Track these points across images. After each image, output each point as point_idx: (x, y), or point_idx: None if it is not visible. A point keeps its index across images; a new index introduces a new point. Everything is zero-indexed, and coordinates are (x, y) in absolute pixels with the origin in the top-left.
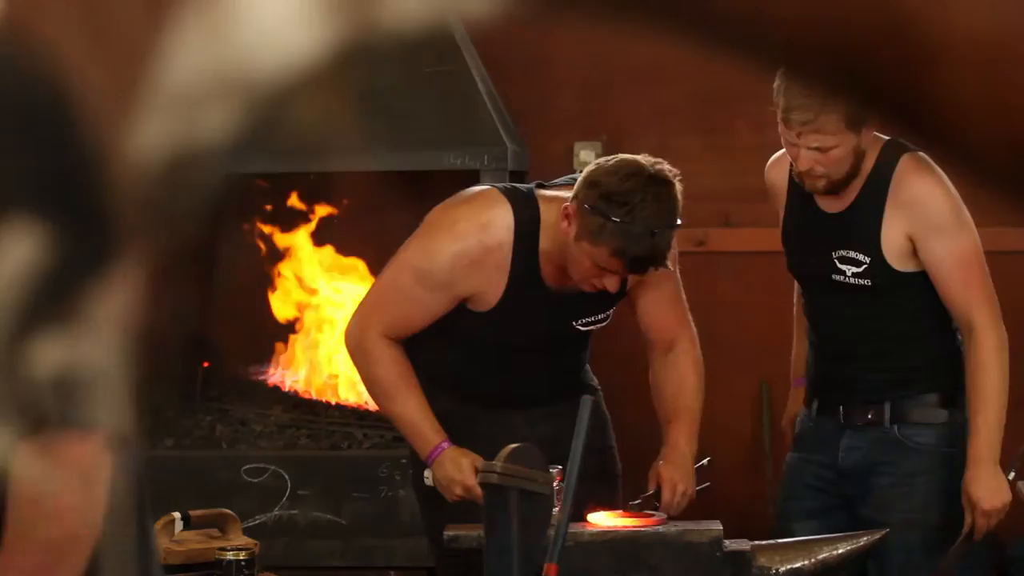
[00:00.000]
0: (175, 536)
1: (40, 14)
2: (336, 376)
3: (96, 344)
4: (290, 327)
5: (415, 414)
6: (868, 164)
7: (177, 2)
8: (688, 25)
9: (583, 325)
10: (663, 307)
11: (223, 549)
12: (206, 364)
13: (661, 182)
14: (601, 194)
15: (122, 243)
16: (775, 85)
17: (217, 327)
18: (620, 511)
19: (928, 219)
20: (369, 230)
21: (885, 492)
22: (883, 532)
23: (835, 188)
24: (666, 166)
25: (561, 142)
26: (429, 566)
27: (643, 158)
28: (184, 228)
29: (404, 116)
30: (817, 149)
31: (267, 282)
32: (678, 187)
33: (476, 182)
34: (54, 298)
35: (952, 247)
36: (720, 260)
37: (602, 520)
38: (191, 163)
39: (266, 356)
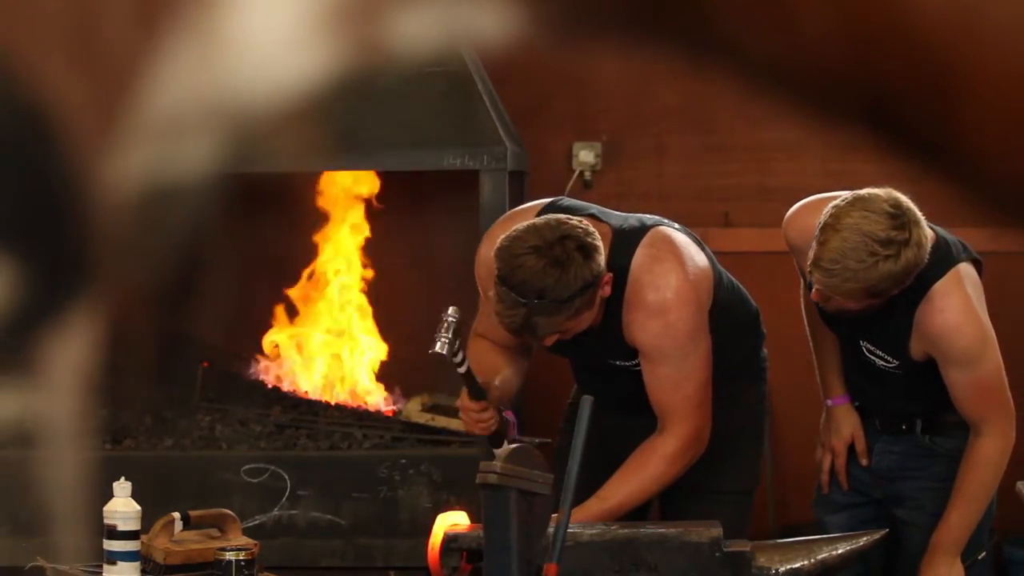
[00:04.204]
0: (175, 536)
1: (23, 31)
2: (328, 377)
3: (53, 394)
4: (288, 326)
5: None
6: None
7: (170, 22)
8: (717, 60)
9: (618, 362)
10: (654, 386)
11: (223, 549)
12: (206, 364)
13: (544, 251)
14: (496, 250)
15: (89, 282)
16: (819, 224)
17: (216, 327)
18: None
19: (949, 354)
20: (370, 230)
21: (916, 494)
22: (883, 532)
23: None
24: (576, 229)
25: (561, 142)
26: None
27: (567, 219)
28: (160, 263)
29: (404, 116)
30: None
31: (267, 281)
32: (578, 256)
33: (475, 183)
34: (14, 343)
35: (970, 377)
36: (720, 260)
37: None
38: (171, 196)
39: (263, 355)
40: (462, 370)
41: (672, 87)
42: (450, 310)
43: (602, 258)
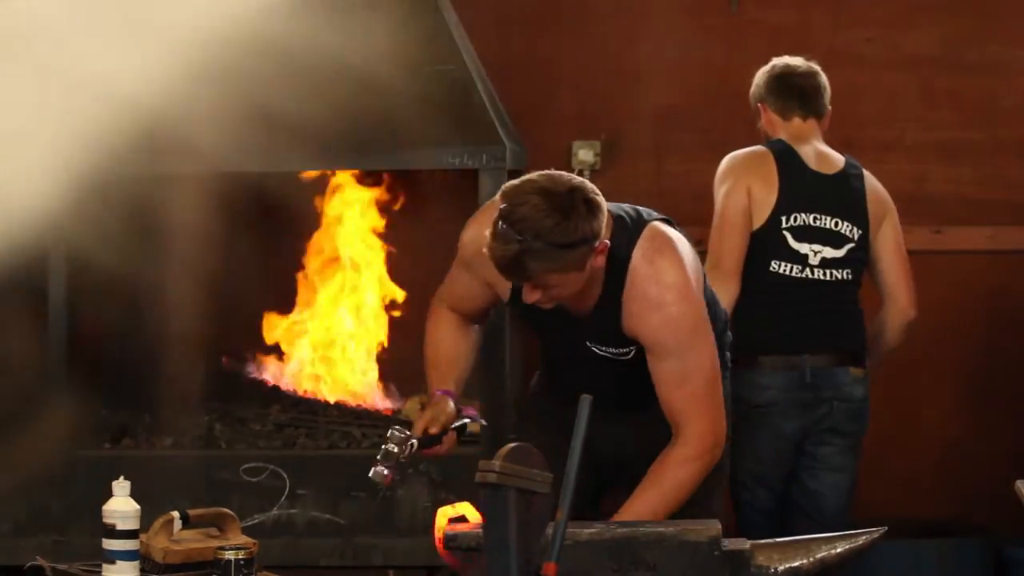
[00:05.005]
0: (174, 535)
1: None
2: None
3: None
4: (288, 326)
5: (430, 362)
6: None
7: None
8: None
9: (600, 350)
10: (661, 384)
11: (222, 548)
12: (205, 364)
13: (552, 195)
14: (503, 190)
15: None
16: None
17: (216, 326)
18: None
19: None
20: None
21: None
22: (882, 529)
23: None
24: (587, 187)
25: (560, 141)
26: (427, 565)
27: (579, 177)
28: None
29: (403, 115)
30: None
31: (267, 281)
32: (583, 208)
33: (475, 181)
34: None
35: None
36: None
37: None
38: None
39: (264, 355)
40: (416, 451)
41: (672, 86)
42: (392, 433)
43: (603, 223)
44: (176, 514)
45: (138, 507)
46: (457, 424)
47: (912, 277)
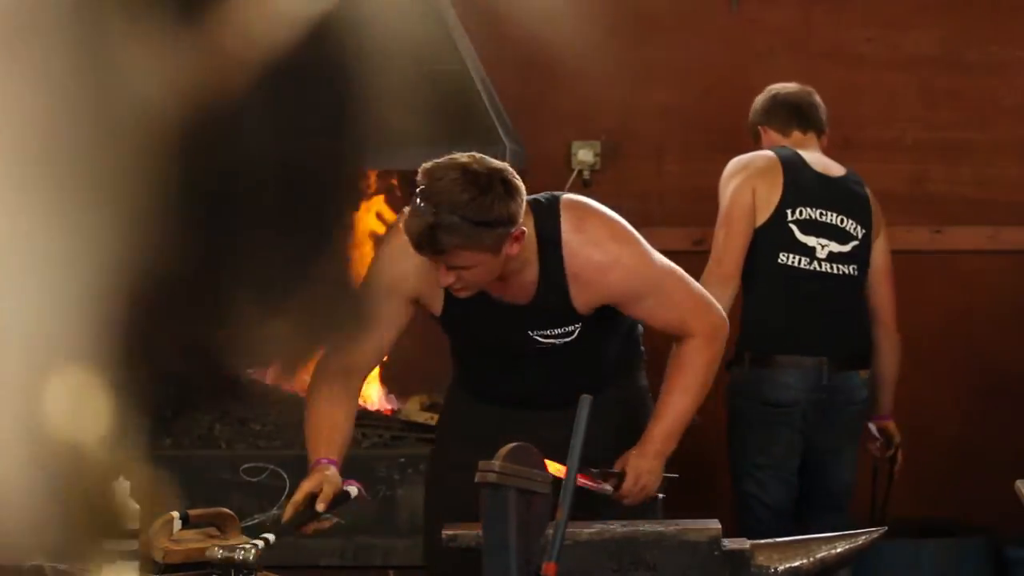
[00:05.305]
0: (174, 535)
1: None
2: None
3: None
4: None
5: (312, 432)
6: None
7: None
8: None
9: (543, 337)
10: (652, 319)
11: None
12: (205, 364)
13: (470, 172)
14: (422, 169)
15: None
16: None
17: (217, 327)
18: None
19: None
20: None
21: None
22: (882, 530)
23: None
24: (508, 170)
25: (559, 141)
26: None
27: (498, 161)
28: None
29: (403, 115)
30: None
31: (266, 280)
32: (500, 188)
33: None
34: None
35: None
36: None
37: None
38: None
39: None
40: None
41: (673, 86)
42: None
43: (521, 208)
44: (176, 514)
45: (138, 507)
46: (339, 494)
47: (896, 297)
